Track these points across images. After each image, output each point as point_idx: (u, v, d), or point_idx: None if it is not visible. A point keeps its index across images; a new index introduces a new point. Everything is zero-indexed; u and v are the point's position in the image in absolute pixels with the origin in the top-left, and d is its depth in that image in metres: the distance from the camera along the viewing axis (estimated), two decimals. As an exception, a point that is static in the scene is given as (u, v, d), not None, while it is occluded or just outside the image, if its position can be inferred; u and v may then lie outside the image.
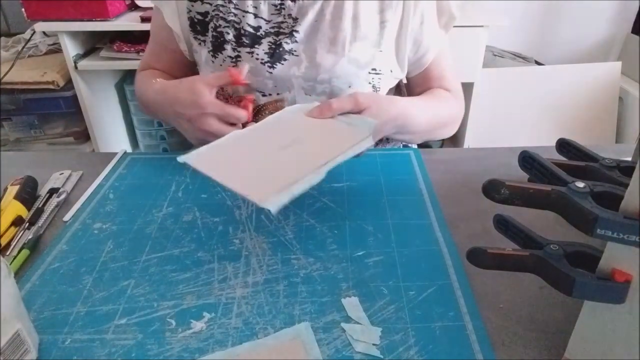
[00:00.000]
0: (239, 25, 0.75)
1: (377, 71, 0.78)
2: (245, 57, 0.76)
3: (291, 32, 0.75)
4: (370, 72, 0.77)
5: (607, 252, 0.36)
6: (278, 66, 0.76)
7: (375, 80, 0.79)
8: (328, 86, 0.77)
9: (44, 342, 0.44)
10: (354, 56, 0.76)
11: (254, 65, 0.76)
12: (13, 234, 0.59)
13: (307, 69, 0.76)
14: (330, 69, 0.75)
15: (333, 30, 0.75)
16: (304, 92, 0.78)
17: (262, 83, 0.77)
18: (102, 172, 0.71)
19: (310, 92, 0.78)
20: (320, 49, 0.75)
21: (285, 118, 0.65)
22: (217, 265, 0.53)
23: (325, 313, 0.47)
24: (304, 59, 0.76)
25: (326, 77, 0.76)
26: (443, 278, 0.51)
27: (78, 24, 1.50)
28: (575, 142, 0.51)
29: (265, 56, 0.76)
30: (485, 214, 0.62)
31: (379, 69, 0.78)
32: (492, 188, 0.40)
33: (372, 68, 0.77)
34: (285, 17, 0.75)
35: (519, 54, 2.05)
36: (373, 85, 0.79)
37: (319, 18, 0.75)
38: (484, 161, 0.75)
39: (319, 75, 0.76)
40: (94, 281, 0.51)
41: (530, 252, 0.41)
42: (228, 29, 0.75)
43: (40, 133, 1.72)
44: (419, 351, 0.43)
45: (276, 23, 0.76)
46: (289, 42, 0.75)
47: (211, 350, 0.43)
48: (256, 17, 0.75)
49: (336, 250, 0.55)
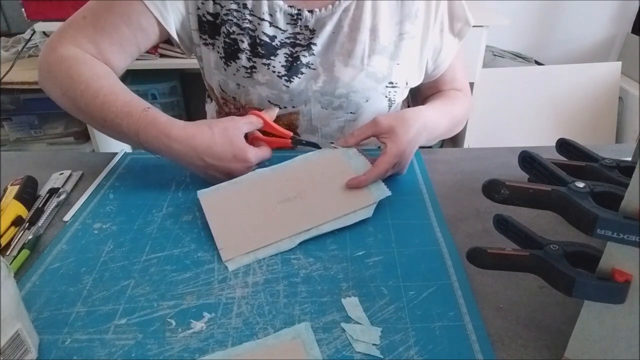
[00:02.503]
0: (254, 34, 0.72)
1: (394, 84, 0.77)
2: (261, 68, 0.73)
3: (309, 45, 0.73)
4: (387, 85, 0.76)
5: (607, 252, 0.36)
6: (295, 80, 0.73)
7: (391, 93, 0.78)
8: (345, 100, 0.76)
9: (44, 342, 0.44)
10: (372, 70, 0.74)
11: (270, 78, 0.73)
12: (13, 234, 0.58)
13: (325, 83, 0.74)
14: (348, 83, 0.74)
15: (351, 43, 0.73)
16: (320, 106, 0.77)
17: (278, 96, 0.75)
18: (102, 172, 0.71)
19: (327, 106, 0.77)
20: (338, 62, 0.73)
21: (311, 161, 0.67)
22: (217, 265, 0.53)
23: (325, 313, 0.47)
24: (321, 72, 0.74)
25: (344, 91, 0.74)
26: (443, 278, 0.51)
27: (78, 24, 1.50)
28: (575, 142, 0.51)
29: (282, 69, 0.73)
30: (485, 214, 0.62)
31: (395, 82, 0.77)
32: (492, 188, 0.40)
33: (389, 82, 0.76)
34: (302, 28, 0.73)
35: (519, 54, 2.05)
36: (389, 98, 0.78)
37: (336, 30, 0.73)
38: (484, 161, 0.75)
39: (337, 90, 0.74)
40: (94, 281, 0.51)
41: (530, 252, 0.41)
42: (243, 36, 0.72)
43: (40, 133, 1.72)
44: (419, 351, 0.43)
45: (292, 34, 0.73)
46: (306, 55, 0.73)
47: (211, 350, 0.43)
48: (271, 25, 0.72)
49: (336, 250, 0.55)
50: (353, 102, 0.76)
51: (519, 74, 1.89)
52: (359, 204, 0.60)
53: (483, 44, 1.61)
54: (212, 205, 0.61)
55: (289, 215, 0.59)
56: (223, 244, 0.56)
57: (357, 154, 0.66)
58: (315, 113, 0.77)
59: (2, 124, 1.69)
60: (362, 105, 0.77)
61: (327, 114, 0.78)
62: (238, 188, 0.63)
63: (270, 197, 0.62)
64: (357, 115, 0.78)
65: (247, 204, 0.61)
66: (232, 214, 0.60)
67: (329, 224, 0.58)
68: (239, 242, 0.56)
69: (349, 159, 0.66)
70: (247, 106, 0.77)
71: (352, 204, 0.60)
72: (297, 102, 0.76)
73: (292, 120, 0.79)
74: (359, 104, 0.76)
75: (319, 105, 0.76)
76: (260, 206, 0.61)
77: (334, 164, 0.65)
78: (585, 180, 0.39)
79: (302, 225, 0.57)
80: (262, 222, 0.59)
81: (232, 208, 0.61)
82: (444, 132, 0.79)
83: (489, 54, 1.93)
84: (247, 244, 0.56)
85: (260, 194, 0.62)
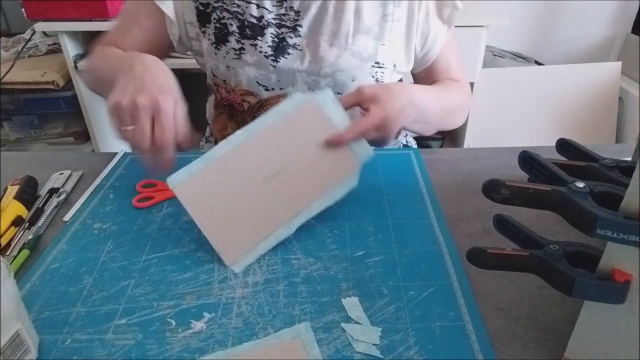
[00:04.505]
0: (242, 17, 0.76)
1: (381, 65, 0.78)
2: (249, 49, 0.76)
3: (294, 27, 0.76)
4: (373, 65, 0.78)
5: (607, 252, 0.36)
6: (282, 60, 0.76)
7: (378, 73, 0.79)
8: (331, 80, 0.77)
9: (44, 342, 0.44)
10: (357, 49, 0.76)
11: (257, 58, 0.76)
12: (13, 234, 0.59)
13: (310, 63, 0.76)
14: (333, 62, 0.75)
15: (336, 24, 0.75)
16: (307, 87, 0.78)
17: (266, 77, 0.78)
18: (102, 172, 0.71)
19: (314, 86, 0.78)
20: (323, 42, 0.76)
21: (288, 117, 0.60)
22: (217, 265, 0.53)
23: (325, 313, 0.47)
24: (307, 53, 0.76)
25: (329, 70, 0.76)
26: (443, 278, 0.51)
27: (78, 24, 1.50)
28: (575, 142, 0.51)
29: (269, 49, 0.76)
30: (485, 214, 0.62)
31: (382, 62, 0.78)
32: (492, 188, 0.40)
33: (375, 61, 0.78)
34: (288, 9, 0.76)
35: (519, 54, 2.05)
36: (376, 78, 0.79)
37: (322, 12, 0.75)
38: (484, 161, 0.75)
39: (322, 69, 0.76)
40: (94, 281, 0.51)
41: (530, 252, 0.41)
42: (232, 20, 0.76)
43: (40, 133, 1.72)
44: (419, 351, 0.43)
45: (278, 15, 0.76)
46: (292, 37, 0.76)
47: (211, 350, 0.43)
48: (259, 7, 0.75)
49: (336, 250, 0.55)
50: (339, 82, 0.77)
51: (519, 74, 1.89)
52: (344, 170, 0.58)
53: (483, 44, 1.61)
54: (192, 199, 0.56)
55: (278, 197, 0.57)
56: (221, 246, 0.55)
57: (335, 100, 0.62)
58: None
59: (2, 124, 1.69)
60: (348, 84, 0.78)
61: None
62: (213, 168, 0.58)
63: (252, 174, 0.58)
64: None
65: (229, 189, 0.57)
66: (218, 207, 0.57)
67: (319, 201, 0.57)
68: (237, 241, 0.55)
69: (326, 106, 0.61)
70: (237, 88, 0.80)
71: (338, 170, 0.58)
72: (284, 83, 0.78)
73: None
74: (345, 83, 0.77)
75: (306, 86, 0.78)
76: (245, 188, 0.57)
77: (311, 117, 0.61)
78: (585, 180, 0.39)
79: (293, 208, 0.56)
80: (253, 211, 0.57)
81: (216, 198, 0.57)
82: (436, 117, 0.76)
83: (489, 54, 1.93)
84: (245, 242, 0.55)
85: (240, 172, 0.58)
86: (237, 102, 0.83)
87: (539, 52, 2.10)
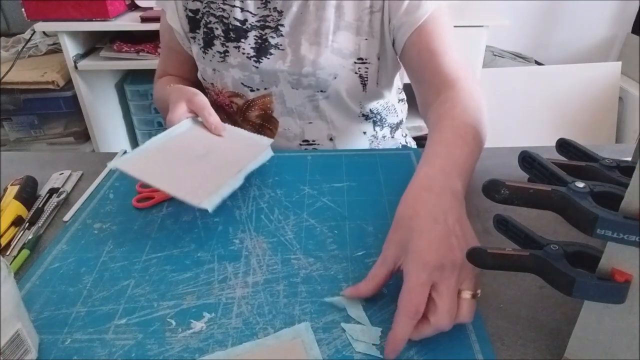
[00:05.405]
0: (227, 20, 0.77)
1: (364, 60, 0.77)
2: (233, 51, 0.78)
3: (277, 27, 0.76)
4: (356, 61, 0.77)
5: (607, 252, 0.36)
6: (264, 60, 0.77)
7: (362, 69, 0.78)
8: (313, 79, 0.77)
9: (44, 342, 0.44)
10: (338, 46, 0.76)
11: (241, 60, 0.77)
12: (13, 234, 0.59)
13: (292, 62, 0.76)
14: (314, 60, 0.76)
15: (317, 22, 0.75)
16: (290, 86, 0.79)
17: (250, 78, 0.79)
18: (102, 172, 0.71)
19: (296, 85, 0.79)
20: (304, 41, 0.76)
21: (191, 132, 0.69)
22: (217, 265, 0.53)
23: (325, 313, 0.47)
24: (289, 52, 0.77)
25: (310, 69, 0.76)
26: (443, 278, 0.51)
27: (78, 24, 1.50)
28: (575, 142, 0.51)
29: (252, 51, 0.77)
30: (485, 214, 0.62)
31: (365, 57, 0.77)
32: (492, 188, 0.40)
33: (357, 57, 0.77)
34: (271, 10, 0.76)
35: (519, 54, 2.05)
36: (360, 75, 0.78)
37: (303, 10, 0.75)
38: (484, 161, 0.74)
39: (304, 68, 0.76)
40: (94, 281, 0.51)
41: (530, 252, 0.41)
42: (217, 24, 0.77)
43: (40, 133, 1.72)
44: (419, 351, 0.43)
45: (262, 17, 0.77)
46: (274, 37, 0.76)
47: (211, 350, 0.43)
48: (243, 10, 0.76)
49: (336, 250, 0.55)
50: (321, 80, 0.77)
51: (519, 74, 1.89)
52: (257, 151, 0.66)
53: (483, 44, 1.61)
54: (140, 169, 0.59)
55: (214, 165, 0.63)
56: (183, 193, 0.56)
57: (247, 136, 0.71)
58: (287, 94, 0.80)
59: (2, 124, 1.69)
60: (330, 82, 0.77)
61: (298, 94, 0.80)
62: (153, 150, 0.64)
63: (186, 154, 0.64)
64: (328, 94, 0.79)
65: (172, 160, 0.63)
66: (167, 170, 0.61)
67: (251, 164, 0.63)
68: (196, 188, 0.57)
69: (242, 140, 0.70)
70: (224, 90, 0.82)
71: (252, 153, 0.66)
72: (267, 84, 0.79)
73: (266, 104, 0.82)
74: (326, 81, 0.77)
75: (289, 85, 0.79)
76: (185, 161, 0.63)
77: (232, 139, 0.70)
78: (585, 180, 0.39)
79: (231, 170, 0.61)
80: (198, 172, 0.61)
81: (163, 165, 0.62)
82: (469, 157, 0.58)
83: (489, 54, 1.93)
84: (204, 188, 0.57)
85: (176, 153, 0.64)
86: (225, 103, 0.85)
87: (539, 52, 2.10)
